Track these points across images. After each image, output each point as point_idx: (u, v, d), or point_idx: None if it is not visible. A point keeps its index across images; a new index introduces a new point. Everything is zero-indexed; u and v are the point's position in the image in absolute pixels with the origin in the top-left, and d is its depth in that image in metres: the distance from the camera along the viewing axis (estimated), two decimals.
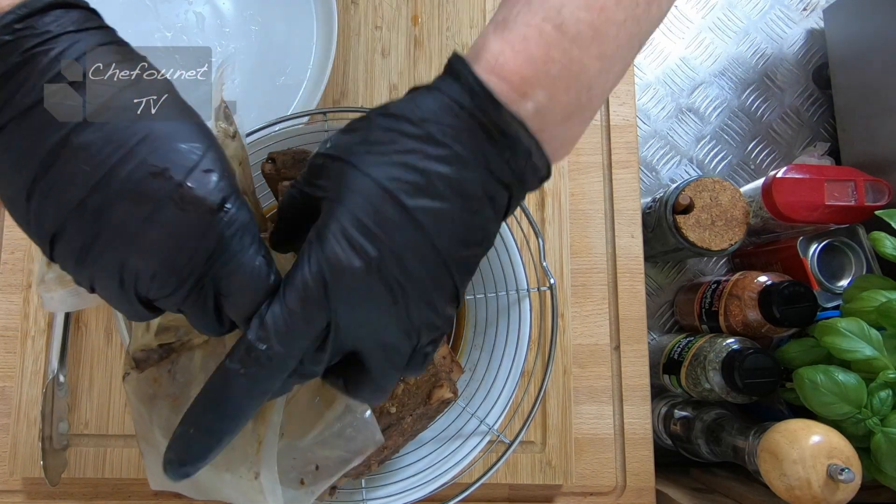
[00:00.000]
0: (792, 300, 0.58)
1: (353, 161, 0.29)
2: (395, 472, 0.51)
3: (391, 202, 0.28)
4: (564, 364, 0.61)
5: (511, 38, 0.29)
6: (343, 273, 0.28)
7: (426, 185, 0.28)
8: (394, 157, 0.29)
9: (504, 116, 0.29)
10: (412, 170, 0.28)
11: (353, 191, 0.29)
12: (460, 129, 0.29)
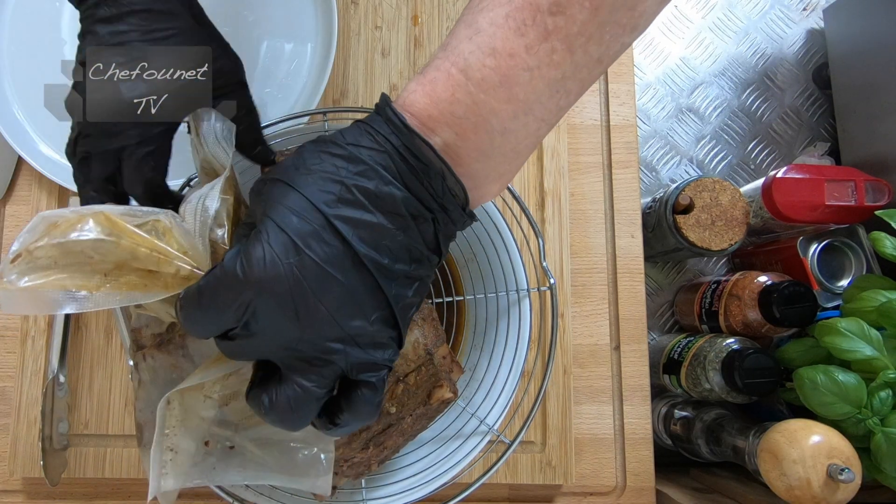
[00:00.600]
0: (792, 300, 0.58)
1: (283, 179, 0.31)
2: (395, 471, 0.51)
3: (311, 210, 0.30)
4: (564, 364, 0.61)
5: (423, 80, 0.32)
6: (261, 273, 0.30)
7: (348, 197, 0.30)
8: (319, 174, 0.31)
9: (415, 141, 0.32)
10: (335, 183, 0.31)
11: (281, 203, 0.31)
12: (379, 150, 0.31)
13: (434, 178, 0.32)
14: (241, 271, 0.30)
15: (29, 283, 0.32)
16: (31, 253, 0.32)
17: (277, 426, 0.32)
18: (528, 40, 0.31)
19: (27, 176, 0.63)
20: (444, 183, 0.32)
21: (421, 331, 0.43)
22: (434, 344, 0.43)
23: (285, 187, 0.31)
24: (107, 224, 0.32)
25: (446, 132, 0.32)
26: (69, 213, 0.33)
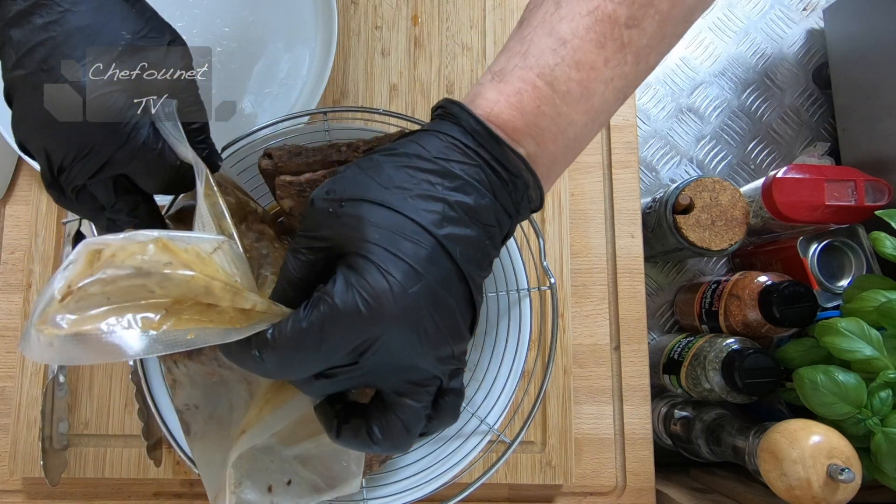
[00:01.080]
0: (792, 300, 0.58)
1: (374, 199, 0.30)
2: (395, 471, 0.51)
3: (421, 233, 0.29)
4: (564, 364, 0.61)
5: (507, 90, 0.32)
6: (391, 308, 0.28)
7: (452, 215, 0.30)
8: (417, 192, 0.30)
9: (507, 153, 0.31)
10: (436, 201, 0.30)
11: (387, 228, 0.29)
12: (469, 164, 0.31)
13: (519, 188, 0.32)
14: (366, 307, 0.28)
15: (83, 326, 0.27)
16: (83, 289, 0.27)
17: (386, 452, 0.32)
18: (606, 53, 0.32)
19: (27, 176, 0.63)
20: (526, 191, 0.33)
21: None
22: None
23: (383, 210, 0.30)
24: (168, 253, 0.29)
25: (529, 143, 0.32)
26: (120, 240, 0.29)
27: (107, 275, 0.27)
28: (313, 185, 0.43)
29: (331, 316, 0.28)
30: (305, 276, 0.32)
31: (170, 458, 0.58)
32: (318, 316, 0.29)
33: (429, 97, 0.66)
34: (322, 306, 0.29)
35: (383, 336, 0.29)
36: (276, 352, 0.29)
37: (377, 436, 0.31)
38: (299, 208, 0.44)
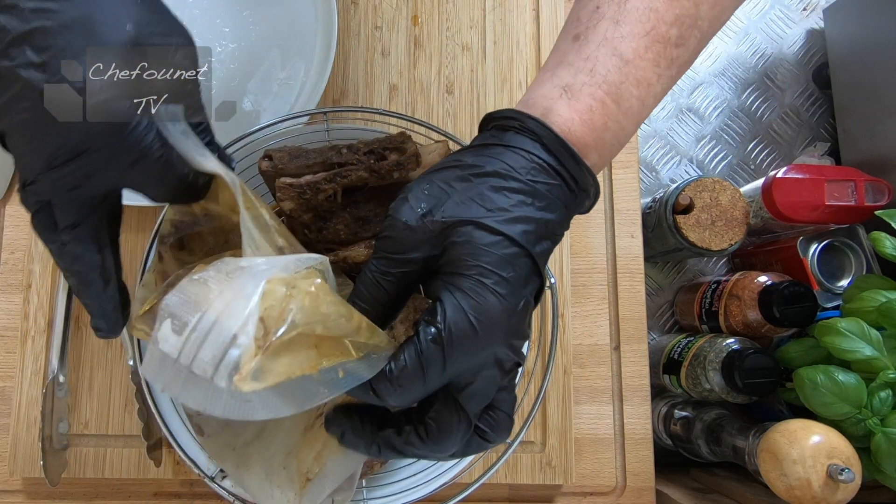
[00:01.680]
0: (792, 300, 0.58)
1: (478, 220, 0.31)
2: (395, 471, 0.51)
3: (522, 254, 0.31)
4: (564, 364, 0.61)
5: (579, 107, 0.34)
6: (490, 316, 0.30)
7: (542, 233, 0.32)
8: (514, 212, 0.32)
9: (582, 170, 0.34)
10: (531, 222, 0.32)
11: (488, 250, 0.31)
12: (554, 183, 0.33)
13: (580, 198, 0.35)
14: (481, 328, 0.30)
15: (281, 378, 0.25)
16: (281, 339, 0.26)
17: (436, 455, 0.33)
18: (659, 70, 0.35)
19: None
20: (585, 201, 0.35)
21: None
22: None
23: (489, 234, 0.31)
24: (324, 293, 0.28)
25: (594, 156, 0.34)
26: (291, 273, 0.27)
27: (307, 318, 0.26)
28: (313, 188, 0.43)
29: (449, 342, 0.30)
30: (391, 300, 0.33)
31: (170, 458, 0.58)
32: (435, 345, 0.30)
33: (428, 97, 0.66)
34: (436, 334, 0.30)
35: (494, 350, 0.31)
36: (395, 387, 0.30)
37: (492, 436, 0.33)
38: (300, 210, 0.44)
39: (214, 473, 0.48)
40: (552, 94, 0.34)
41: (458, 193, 0.32)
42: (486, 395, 0.32)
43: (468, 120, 0.65)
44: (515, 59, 0.66)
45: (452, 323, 0.30)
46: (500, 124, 0.34)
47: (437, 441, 0.32)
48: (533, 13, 0.67)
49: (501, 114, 0.35)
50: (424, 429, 0.32)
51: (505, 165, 0.32)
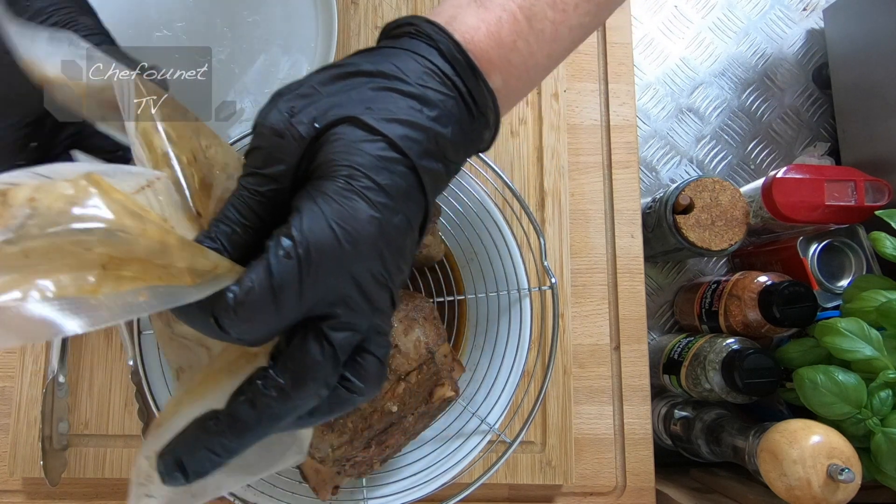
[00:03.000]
0: (792, 300, 0.58)
1: (359, 116, 0.27)
2: (395, 471, 0.51)
3: (404, 162, 0.27)
4: (564, 364, 0.61)
5: (487, 17, 0.30)
6: (374, 238, 0.26)
7: (431, 148, 0.28)
8: (400, 115, 0.27)
9: (481, 86, 0.29)
10: (419, 129, 0.27)
11: (369, 152, 0.26)
12: (447, 95, 0.29)
13: (479, 125, 0.30)
14: (347, 240, 0.25)
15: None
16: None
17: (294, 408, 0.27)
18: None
19: None
20: (484, 130, 0.31)
21: (422, 330, 0.43)
22: (435, 343, 0.43)
23: (368, 133, 0.27)
24: (110, 200, 0.22)
25: (497, 78, 0.30)
26: (39, 178, 0.22)
27: (40, 231, 0.21)
28: None
29: (307, 256, 0.24)
30: (261, 223, 0.27)
31: None
32: (288, 260, 0.24)
33: None
34: (291, 247, 0.25)
35: (361, 269, 0.26)
36: (241, 316, 0.25)
37: (357, 385, 0.27)
38: None
39: None
40: (461, 3, 0.31)
41: (336, 95, 0.28)
42: (354, 327, 0.26)
43: None
44: None
45: (310, 232, 0.25)
46: (395, 32, 0.30)
47: (298, 384, 0.26)
48: None
49: (399, 21, 0.30)
50: (282, 368, 0.26)
51: (393, 67, 0.28)
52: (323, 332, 0.26)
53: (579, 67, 0.67)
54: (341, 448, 0.42)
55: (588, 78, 0.67)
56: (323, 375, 0.26)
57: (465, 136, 0.30)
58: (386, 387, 0.42)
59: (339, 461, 0.43)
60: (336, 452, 0.42)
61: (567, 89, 0.66)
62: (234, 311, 0.24)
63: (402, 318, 0.43)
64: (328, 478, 0.45)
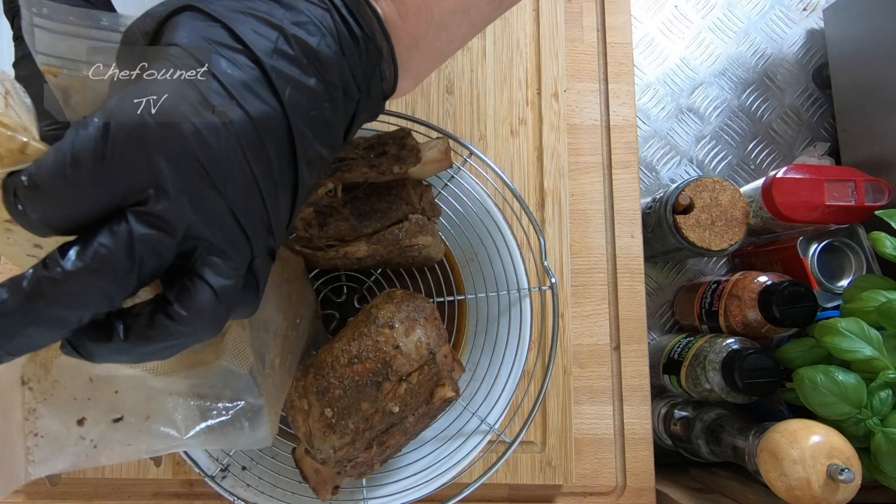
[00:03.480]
0: (792, 300, 0.58)
1: (201, 7, 0.24)
2: (396, 471, 0.51)
3: (246, 53, 0.24)
4: (564, 364, 0.61)
5: None
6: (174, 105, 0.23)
7: (286, 50, 0.24)
8: (251, 11, 0.24)
9: (361, 5, 0.27)
10: (272, 28, 0.24)
11: (206, 39, 0.24)
12: (320, 6, 0.26)
13: (371, 54, 0.27)
14: (154, 119, 0.22)
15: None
16: None
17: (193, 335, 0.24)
18: None
19: None
20: (379, 62, 0.28)
21: (424, 330, 0.43)
22: (436, 343, 0.43)
23: (207, 20, 0.24)
24: None
25: (388, 6, 0.28)
26: None
27: None
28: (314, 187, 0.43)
29: (103, 129, 0.22)
30: None
31: (169, 458, 0.58)
32: (86, 135, 0.22)
33: (428, 97, 0.66)
34: (92, 124, 0.22)
35: (171, 160, 0.22)
36: (36, 193, 0.22)
37: (179, 313, 0.23)
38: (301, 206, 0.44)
39: (215, 473, 0.48)
40: None
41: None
42: (163, 218, 0.23)
43: (468, 120, 0.65)
44: (515, 59, 0.66)
45: (116, 108, 0.22)
46: None
47: (78, 269, 0.22)
48: (533, 13, 0.67)
49: None
50: (73, 247, 0.22)
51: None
52: (125, 217, 0.23)
53: (579, 67, 0.67)
54: (343, 449, 0.42)
55: (588, 78, 0.67)
56: (112, 267, 0.22)
57: (351, 60, 0.26)
58: (387, 387, 0.42)
59: (340, 462, 0.43)
60: (338, 454, 0.42)
61: (567, 89, 0.66)
62: (27, 188, 0.22)
63: (404, 319, 0.43)
64: (328, 478, 0.45)
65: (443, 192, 0.52)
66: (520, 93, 0.65)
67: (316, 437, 0.42)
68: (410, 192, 0.46)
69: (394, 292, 0.45)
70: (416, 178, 0.48)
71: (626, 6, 0.69)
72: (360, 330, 0.43)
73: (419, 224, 0.46)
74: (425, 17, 0.29)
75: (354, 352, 0.42)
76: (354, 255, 0.45)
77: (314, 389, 0.42)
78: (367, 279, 0.55)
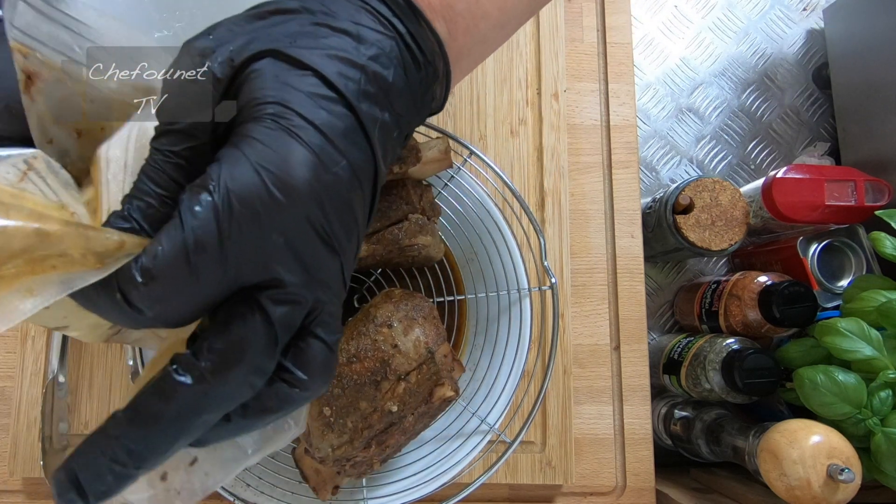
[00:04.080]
0: (792, 300, 0.58)
1: (282, 49, 0.23)
2: (396, 471, 0.51)
3: (339, 102, 0.23)
4: (564, 364, 0.61)
5: None
6: (292, 170, 0.21)
7: (370, 90, 0.24)
8: (331, 50, 0.23)
9: (423, 29, 0.26)
10: (354, 67, 0.23)
11: (297, 88, 0.22)
12: (384, 34, 0.25)
13: (429, 77, 0.27)
14: (278, 187, 0.20)
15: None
16: None
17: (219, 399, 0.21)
18: None
19: None
20: (434, 83, 0.28)
21: (422, 329, 0.43)
22: (435, 342, 0.43)
23: (294, 67, 0.23)
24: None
25: (442, 27, 0.28)
26: None
27: None
28: None
29: (227, 209, 0.20)
30: (175, 191, 0.23)
31: None
32: (207, 216, 0.20)
33: None
34: (207, 203, 0.20)
35: (298, 244, 0.21)
36: (151, 288, 0.20)
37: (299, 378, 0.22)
38: None
39: None
40: None
41: (255, 32, 0.24)
42: (298, 298, 0.22)
43: (468, 120, 0.65)
44: (515, 59, 0.66)
45: (232, 180, 0.20)
46: None
47: (222, 367, 0.21)
48: None
49: None
50: (203, 348, 0.21)
51: (319, 4, 0.25)
52: (258, 302, 0.21)
53: (579, 67, 0.67)
54: (341, 448, 0.42)
55: (588, 78, 0.67)
56: (255, 357, 0.21)
57: (413, 87, 0.26)
58: (386, 387, 0.42)
59: (339, 461, 0.43)
60: (336, 452, 0.42)
61: (567, 89, 0.66)
62: (141, 283, 0.20)
63: (402, 318, 0.43)
64: (328, 478, 0.45)
65: (443, 192, 0.52)
66: (520, 93, 0.65)
67: (314, 435, 0.42)
68: (410, 192, 0.46)
69: (392, 291, 0.45)
70: (416, 178, 0.48)
71: (626, 6, 0.69)
72: (358, 329, 0.43)
73: (419, 224, 0.46)
74: (472, 34, 0.29)
75: (353, 351, 0.42)
76: None
77: None
78: (367, 279, 0.55)
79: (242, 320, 0.21)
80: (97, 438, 0.21)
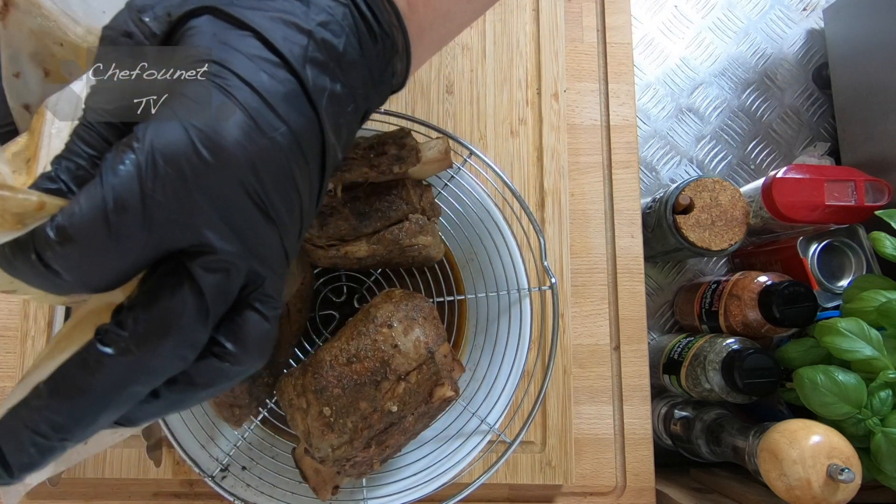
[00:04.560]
0: (792, 300, 0.58)
1: (225, 9, 0.22)
2: (395, 471, 0.51)
3: (281, 66, 0.22)
4: (564, 364, 0.61)
5: None
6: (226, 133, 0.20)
7: (317, 56, 0.23)
8: (278, 13, 0.22)
9: (381, 1, 0.25)
10: (300, 32, 0.22)
11: (239, 50, 0.21)
12: (335, 0, 0.24)
13: (387, 50, 0.26)
14: (208, 147, 0.19)
15: None
16: None
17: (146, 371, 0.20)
18: None
19: None
20: (392, 57, 0.26)
21: (422, 329, 0.43)
22: (435, 342, 0.43)
23: (234, 27, 0.22)
24: None
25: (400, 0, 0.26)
26: None
27: None
28: None
29: (152, 170, 0.19)
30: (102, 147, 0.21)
31: (170, 458, 0.58)
32: (127, 176, 0.19)
33: (428, 97, 0.66)
34: (133, 160, 0.19)
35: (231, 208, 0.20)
36: (68, 249, 0.19)
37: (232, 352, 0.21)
38: None
39: (215, 473, 0.48)
40: None
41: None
42: (230, 265, 0.21)
43: (468, 120, 0.65)
44: (515, 59, 0.66)
45: (158, 137, 0.19)
46: None
47: (148, 338, 0.20)
48: (533, 13, 0.67)
49: None
50: (129, 318, 0.20)
51: None
52: (187, 269, 0.20)
53: (579, 67, 0.67)
54: (341, 448, 0.42)
55: (588, 78, 0.67)
56: (184, 328, 0.20)
57: (369, 60, 0.25)
58: (386, 387, 0.42)
59: (338, 461, 0.43)
60: (336, 452, 0.42)
61: (567, 89, 0.66)
62: (56, 243, 0.19)
63: (402, 318, 0.43)
64: (328, 478, 0.45)
65: (443, 192, 0.52)
66: (520, 93, 0.65)
67: (314, 435, 0.42)
68: (410, 192, 0.46)
69: (392, 292, 0.45)
70: (416, 178, 0.48)
71: (626, 6, 0.69)
72: (358, 329, 0.43)
73: (419, 224, 0.46)
74: (433, 6, 0.28)
75: (353, 351, 0.42)
76: (354, 255, 0.45)
77: (312, 388, 0.42)
78: (367, 279, 0.55)
79: (170, 289, 0.20)
80: (19, 410, 0.20)
